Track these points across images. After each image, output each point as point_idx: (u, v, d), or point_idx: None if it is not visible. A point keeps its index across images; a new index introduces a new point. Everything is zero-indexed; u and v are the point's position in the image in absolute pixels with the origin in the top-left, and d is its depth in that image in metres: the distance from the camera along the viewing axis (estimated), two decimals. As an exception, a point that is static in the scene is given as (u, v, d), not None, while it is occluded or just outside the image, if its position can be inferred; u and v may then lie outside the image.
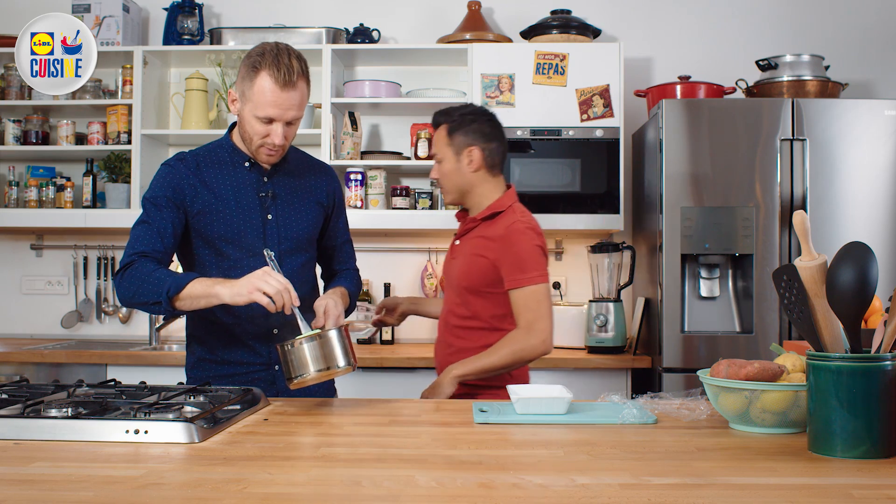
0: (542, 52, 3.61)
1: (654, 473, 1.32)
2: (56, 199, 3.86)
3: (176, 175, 2.11)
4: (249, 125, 2.04)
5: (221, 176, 2.13)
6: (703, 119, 3.27)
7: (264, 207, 2.13)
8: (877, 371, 1.41)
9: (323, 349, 1.85)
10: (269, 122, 2.02)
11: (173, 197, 2.08)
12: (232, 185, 2.12)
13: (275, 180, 2.16)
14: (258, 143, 2.06)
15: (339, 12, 4.02)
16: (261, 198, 2.13)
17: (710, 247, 3.23)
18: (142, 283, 1.97)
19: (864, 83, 3.94)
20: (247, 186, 2.13)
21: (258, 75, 1.99)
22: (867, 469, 1.35)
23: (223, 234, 2.09)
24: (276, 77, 1.98)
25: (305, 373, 1.84)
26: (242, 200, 2.11)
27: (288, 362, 1.86)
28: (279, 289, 1.85)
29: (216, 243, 2.10)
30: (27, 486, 1.24)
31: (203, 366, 2.17)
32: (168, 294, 1.93)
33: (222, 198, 2.10)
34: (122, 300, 2.03)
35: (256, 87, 1.99)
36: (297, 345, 1.85)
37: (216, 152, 2.17)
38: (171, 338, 3.92)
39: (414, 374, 3.26)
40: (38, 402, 1.71)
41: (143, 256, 2.02)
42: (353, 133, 3.76)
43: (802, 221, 1.53)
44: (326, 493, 1.24)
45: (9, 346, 3.63)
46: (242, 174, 2.14)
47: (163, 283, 1.94)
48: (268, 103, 1.99)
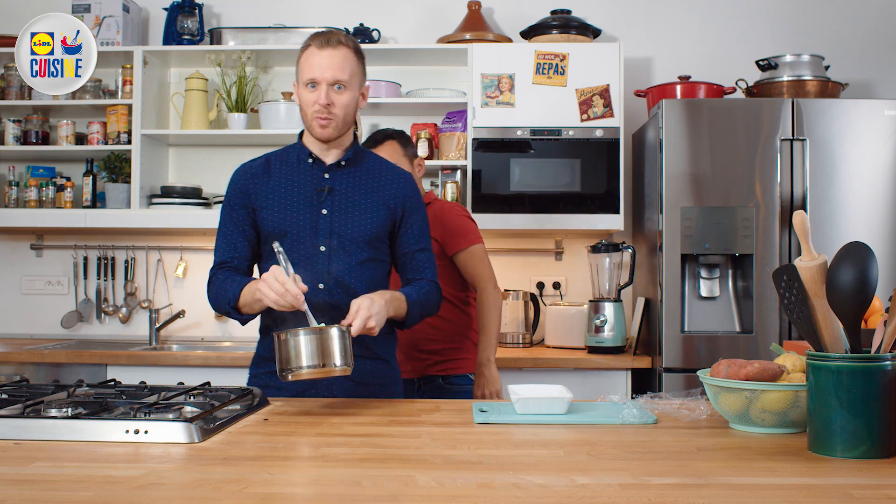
0: (542, 52, 3.61)
1: (654, 473, 1.32)
2: (56, 199, 3.86)
3: (244, 176, 2.17)
4: (301, 99, 2.10)
5: (286, 172, 2.15)
6: (703, 119, 3.27)
7: (319, 202, 2.12)
8: (877, 371, 1.41)
9: (320, 345, 1.77)
10: (313, 87, 2.07)
11: (242, 199, 2.14)
12: (293, 181, 2.14)
13: (336, 175, 2.15)
14: (310, 113, 2.09)
15: (339, 12, 4.02)
16: (317, 192, 2.13)
17: (710, 247, 3.23)
18: (217, 295, 2.08)
19: (864, 83, 3.94)
20: (306, 181, 2.14)
21: (304, 51, 2.10)
22: (867, 469, 1.35)
23: (277, 228, 2.10)
24: (317, 43, 2.07)
25: (298, 366, 1.76)
26: (299, 195, 2.12)
27: (281, 353, 1.78)
28: (278, 294, 1.83)
29: (270, 236, 2.10)
30: (27, 486, 1.24)
31: (262, 364, 2.17)
32: (230, 304, 2.03)
33: (281, 192, 2.13)
34: (214, 310, 2.18)
35: (303, 58, 2.09)
36: (293, 336, 1.77)
37: (287, 152, 2.21)
38: (171, 338, 3.92)
39: (414, 374, 3.27)
40: (38, 402, 1.71)
41: (220, 268, 2.12)
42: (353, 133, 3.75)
43: (802, 221, 1.53)
44: (326, 493, 1.24)
45: (9, 346, 3.63)
46: (305, 170, 2.15)
47: (227, 293, 2.03)
48: (311, 66, 2.06)
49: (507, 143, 3.59)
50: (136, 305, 4.03)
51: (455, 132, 3.70)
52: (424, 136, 3.75)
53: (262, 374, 2.15)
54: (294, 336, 1.77)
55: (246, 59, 3.75)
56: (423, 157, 3.09)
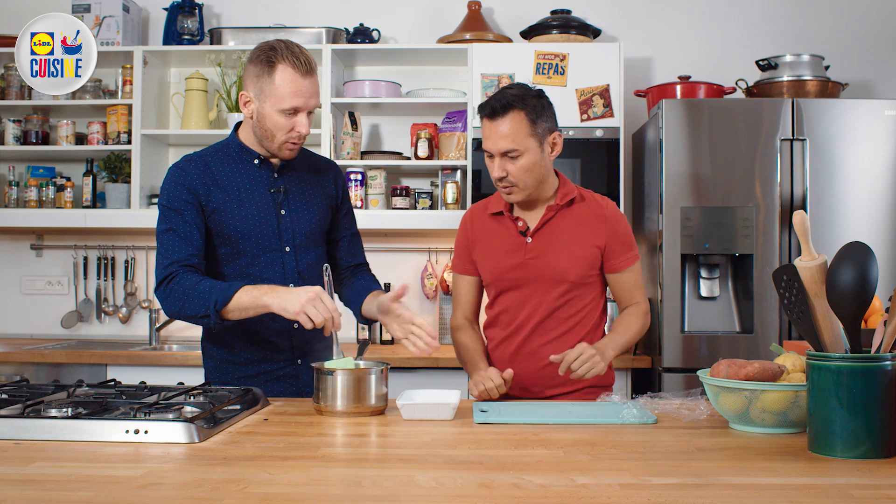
0: (541, 52, 3.61)
1: (654, 473, 1.32)
2: (56, 199, 3.86)
3: (187, 175, 2.09)
4: (272, 121, 2.03)
5: (232, 174, 2.12)
6: (703, 119, 3.27)
7: (277, 203, 2.13)
8: (877, 371, 1.41)
9: (357, 388, 1.82)
10: (293, 113, 2.02)
11: (189, 198, 2.06)
12: (244, 183, 2.11)
13: (285, 177, 2.16)
14: (282, 138, 2.05)
15: (339, 12, 4.02)
16: (272, 194, 2.12)
17: (710, 247, 3.23)
18: (187, 297, 1.97)
19: (864, 83, 3.94)
20: (258, 184, 2.12)
21: (276, 69, 2.00)
22: (867, 469, 1.35)
23: (239, 231, 2.09)
24: (297, 66, 2.00)
25: (333, 405, 1.81)
26: (256, 197, 2.11)
27: (318, 385, 1.83)
28: (326, 318, 1.86)
29: (233, 241, 2.09)
30: (27, 486, 1.24)
31: (225, 368, 2.16)
32: (216, 307, 1.93)
33: (235, 196, 2.10)
34: (169, 314, 2.03)
35: (278, 80, 2.00)
36: (331, 375, 1.82)
37: (224, 151, 2.15)
38: (171, 338, 3.92)
39: (414, 374, 3.27)
40: (38, 402, 1.71)
41: (182, 266, 2.01)
42: (353, 133, 3.76)
43: (802, 221, 1.53)
44: (326, 493, 1.24)
45: (9, 346, 3.63)
46: (253, 172, 2.13)
47: (209, 296, 1.94)
48: (292, 93, 2.00)
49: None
50: (136, 305, 4.03)
51: (455, 132, 3.70)
52: (424, 136, 3.75)
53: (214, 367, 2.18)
54: (332, 375, 1.82)
55: (246, 59, 3.75)
56: (559, 134, 2.22)
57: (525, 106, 2.11)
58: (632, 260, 2.27)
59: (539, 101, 2.14)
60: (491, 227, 2.29)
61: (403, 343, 2.04)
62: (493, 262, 2.26)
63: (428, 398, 1.86)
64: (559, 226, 2.23)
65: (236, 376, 2.13)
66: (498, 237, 2.27)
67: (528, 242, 2.22)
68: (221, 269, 2.11)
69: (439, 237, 3.93)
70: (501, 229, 2.27)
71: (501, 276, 2.25)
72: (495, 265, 2.26)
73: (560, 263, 2.20)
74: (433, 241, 3.96)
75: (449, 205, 3.72)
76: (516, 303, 2.24)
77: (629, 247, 2.27)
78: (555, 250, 2.21)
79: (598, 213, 2.25)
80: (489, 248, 2.28)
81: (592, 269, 2.23)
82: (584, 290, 2.24)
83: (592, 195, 2.30)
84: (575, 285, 2.22)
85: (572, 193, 2.25)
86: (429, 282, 3.88)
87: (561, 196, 2.23)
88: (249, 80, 2.05)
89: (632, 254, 2.27)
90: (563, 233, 2.23)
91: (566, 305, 2.22)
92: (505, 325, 2.27)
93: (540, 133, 2.14)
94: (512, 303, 2.25)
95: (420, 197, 3.78)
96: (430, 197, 3.80)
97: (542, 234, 2.23)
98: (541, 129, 2.14)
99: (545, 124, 2.14)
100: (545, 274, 2.20)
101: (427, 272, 3.89)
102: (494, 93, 2.18)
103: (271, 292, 1.92)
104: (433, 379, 3.28)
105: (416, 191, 3.81)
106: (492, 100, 2.14)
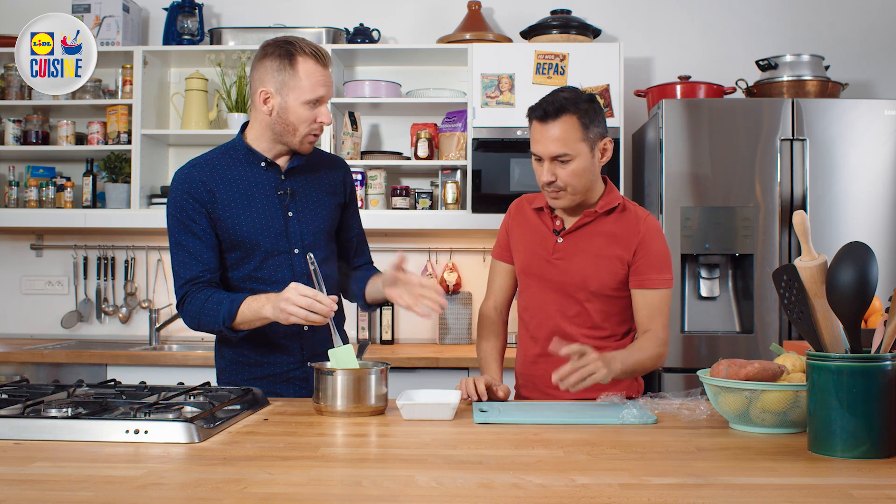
0: (541, 52, 3.61)
1: (654, 473, 1.32)
2: (56, 199, 3.86)
3: (192, 184, 2.08)
4: (295, 114, 2.04)
5: (239, 177, 2.11)
6: (703, 119, 3.27)
7: (284, 206, 2.12)
8: (877, 371, 1.41)
9: (356, 388, 1.82)
10: (316, 104, 2.04)
11: (196, 206, 2.06)
12: (250, 186, 2.11)
13: (292, 179, 2.15)
14: (305, 130, 2.06)
15: (339, 12, 4.02)
16: (279, 196, 2.12)
17: (710, 247, 3.23)
18: (200, 315, 2.02)
19: (864, 83, 3.94)
20: (265, 186, 2.12)
21: (297, 61, 2.02)
22: (867, 469, 1.35)
23: (246, 235, 2.08)
24: (317, 57, 2.04)
25: (333, 405, 1.81)
26: (262, 200, 2.10)
27: (318, 385, 1.83)
28: (305, 311, 1.86)
29: (241, 245, 2.09)
30: (27, 486, 1.24)
31: (235, 369, 2.16)
32: (225, 324, 1.98)
33: (242, 199, 2.09)
34: (193, 328, 2.09)
35: (301, 72, 2.02)
36: (331, 375, 1.82)
37: (230, 154, 2.14)
38: (171, 338, 3.92)
39: (414, 374, 3.27)
40: (38, 402, 1.71)
41: (193, 285, 2.05)
42: (353, 133, 3.76)
43: (802, 221, 1.54)
44: (326, 493, 1.24)
45: (9, 346, 3.63)
46: (259, 174, 2.12)
47: (217, 314, 1.99)
48: (317, 83, 2.03)
49: (507, 143, 3.59)
50: (136, 305, 4.02)
51: (455, 132, 3.70)
52: (424, 136, 3.75)
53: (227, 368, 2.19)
54: (332, 375, 1.82)
55: (246, 59, 3.75)
56: (609, 140, 2.17)
57: (577, 110, 2.07)
58: (659, 283, 2.14)
59: (591, 106, 2.10)
60: (530, 219, 2.27)
61: (415, 310, 2.03)
62: (523, 253, 2.26)
63: (428, 398, 1.87)
64: (592, 232, 2.18)
65: (246, 377, 2.13)
66: (534, 230, 2.25)
67: (559, 242, 2.20)
68: (231, 274, 2.11)
69: (439, 237, 3.94)
70: (539, 223, 2.25)
71: (527, 268, 2.24)
72: (525, 256, 2.25)
73: (583, 270, 2.16)
74: (433, 241, 3.96)
75: (449, 205, 3.72)
76: (538, 301, 2.23)
77: (659, 268, 2.15)
78: (580, 256, 2.17)
79: (634, 226, 2.17)
80: (524, 239, 2.27)
81: (615, 282, 2.16)
82: (609, 303, 2.18)
83: (636, 208, 2.22)
84: (594, 295, 2.16)
85: (614, 202, 2.19)
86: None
87: (602, 203, 2.18)
88: (268, 76, 2.04)
89: (660, 276, 2.15)
90: (593, 240, 2.18)
91: (587, 315, 2.18)
92: (526, 322, 2.27)
93: (591, 138, 2.10)
94: (534, 301, 2.24)
95: (420, 197, 3.78)
96: (430, 197, 3.80)
97: (574, 237, 2.19)
98: (592, 134, 2.10)
99: (597, 129, 2.10)
100: (566, 278, 2.18)
101: (427, 272, 3.90)
102: (545, 96, 2.12)
103: (268, 303, 1.93)
104: (433, 379, 3.28)
105: (416, 191, 3.81)
106: (543, 102, 2.09)
